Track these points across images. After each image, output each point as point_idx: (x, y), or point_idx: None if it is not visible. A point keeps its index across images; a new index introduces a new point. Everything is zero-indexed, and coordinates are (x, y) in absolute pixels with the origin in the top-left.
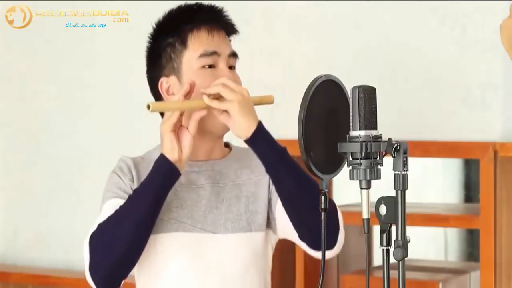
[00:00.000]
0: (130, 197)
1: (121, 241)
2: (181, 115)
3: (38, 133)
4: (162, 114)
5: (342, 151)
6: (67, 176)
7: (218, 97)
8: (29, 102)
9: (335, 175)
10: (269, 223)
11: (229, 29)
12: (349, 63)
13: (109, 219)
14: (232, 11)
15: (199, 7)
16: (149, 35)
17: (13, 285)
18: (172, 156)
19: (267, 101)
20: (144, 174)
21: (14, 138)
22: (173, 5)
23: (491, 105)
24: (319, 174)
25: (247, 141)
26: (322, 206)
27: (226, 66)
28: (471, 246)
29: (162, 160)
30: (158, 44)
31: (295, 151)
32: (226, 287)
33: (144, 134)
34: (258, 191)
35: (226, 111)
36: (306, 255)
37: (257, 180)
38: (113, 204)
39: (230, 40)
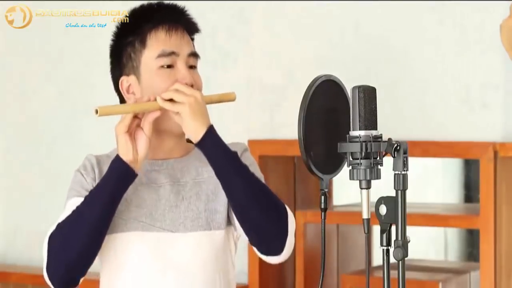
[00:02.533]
0: (85, 197)
1: (76, 242)
2: (139, 117)
3: (38, 133)
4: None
5: (342, 151)
6: (67, 176)
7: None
8: (29, 102)
9: (335, 175)
10: (229, 221)
11: (190, 27)
12: (349, 63)
13: (66, 219)
14: (232, 11)
15: (159, 6)
16: (112, 34)
17: (13, 285)
18: (126, 157)
19: (228, 98)
20: None
21: (14, 138)
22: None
23: (491, 105)
24: (319, 174)
25: (197, 144)
26: (322, 206)
27: (185, 65)
28: (471, 246)
29: (117, 161)
30: (119, 43)
31: (295, 151)
32: (185, 286)
33: None
34: (218, 189)
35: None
36: (306, 255)
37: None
38: (74, 203)
39: (192, 39)
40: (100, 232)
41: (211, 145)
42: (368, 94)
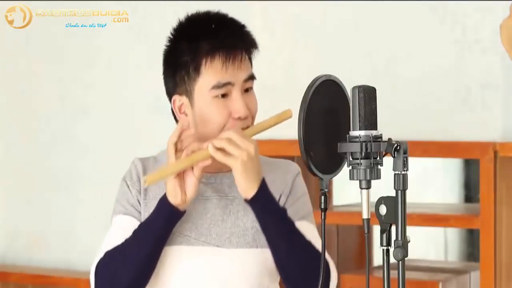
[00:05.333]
0: (134, 233)
1: (123, 278)
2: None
3: (38, 133)
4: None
5: (342, 151)
6: (67, 176)
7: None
8: (29, 102)
9: (335, 175)
10: None
11: (249, 47)
12: (349, 63)
13: (114, 252)
14: (232, 11)
15: (218, 26)
16: (167, 39)
17: (13, 285)
18: (174, 201)
19: (285, 117)
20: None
21: (14, 138)
22: (173, 5)
23: (491, 105)
24: (319, 174)
25: (248, 202)
26: (322, 206)
27: (240, 95)
28: (471, 246)
29: (164, 204)
30: (174, 55)
31: (295, 151)
32: None
33: (145, 134)
34: None
35: None
36: None
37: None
38: (121, 223)
39: (250, 58)
40: (147, 270)
41: (261, 205)
42: (368, 94)
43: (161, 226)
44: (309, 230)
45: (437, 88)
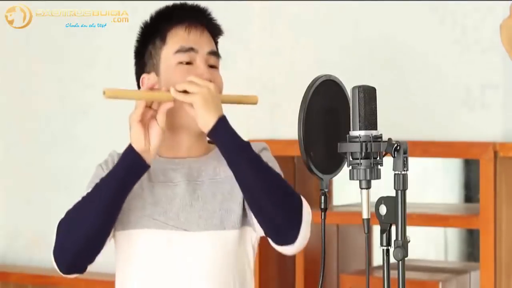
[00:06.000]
0: (96, 184)
1: (84, 227)
2: (154, 108)
3: (38, 133)
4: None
5: (342, 151)
6: (67, 176)
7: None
8: (29, 102)
9: (335, 175)
10: (248, 220)
11: (212, 28)
12: (349, 63)
13: (76, 205)
14: (232, 11)
15: (181, 6)
16: (136, 36)
17: (13, 285)
18: (138, 146)
19: (249, 101)
20: None
21: (14, 138)
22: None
23: (491, 105)
24: (319, 174)
25: (209, 134)
26: (322, 206)
27: (205, 63)
28: (471, 246)
29: (128, 150)
30: (142, 43)
31: (295, 151)
32: (197, 285)
33: None
34: (234, 189)
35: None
36: (306, 255)
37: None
38: None
39: (216, 43)
40: (107, 219)
41: (223, 134)
42: (368, 94)
43: (124, 171)
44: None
45: (437, 88)
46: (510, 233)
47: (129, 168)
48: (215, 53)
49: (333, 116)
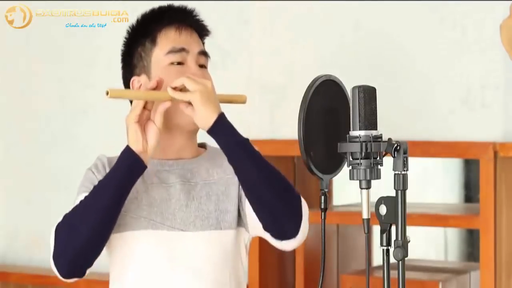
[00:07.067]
0: (94, 187)
1: (84, 230)
2: (148, 109)
3: (38, 133)
4: None
5: (342, 151)
6: (67, 176)
7: (183, 90)
8: (29, 102)
9: (335, 175)
10: (241, 221)
11: (200, 29)
12: (349, 63)
13: (74, 209)
14: (232, 11)
15: (169, 7)
16: (123, 39)
17: (13, 285)
18: (136, 147)
19: (238, 100)
20: None
21: (14, 138)
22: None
23: (491, 105)
24: (319, 174)
25: (209, 131)
26: (322, 206)
27: (196, 63)
28: (471, 246)
29: (126, 151)
30: (130, 46)
31: (295, 151)
32: (194, 285)
33: None
34: (229, 189)
35: (191, 105)
36: (306, 255)
37: (228, 179)
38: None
39: (203, 43)
40: (107, 222)
41: (223, 130)
42: (368, 94)
43: (122, 174)
44: None
45: (437, 88)
46: (510, 233)
47: (129, 169)
48: (205, 53)
49: (333, 116)
